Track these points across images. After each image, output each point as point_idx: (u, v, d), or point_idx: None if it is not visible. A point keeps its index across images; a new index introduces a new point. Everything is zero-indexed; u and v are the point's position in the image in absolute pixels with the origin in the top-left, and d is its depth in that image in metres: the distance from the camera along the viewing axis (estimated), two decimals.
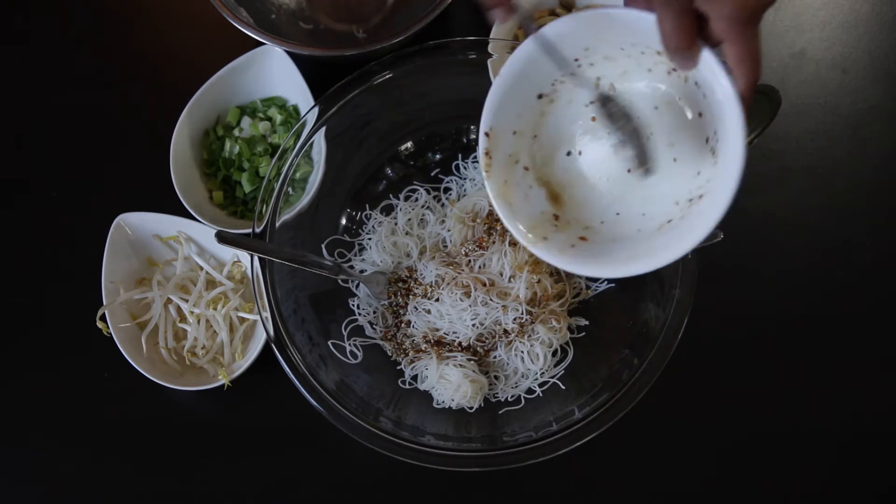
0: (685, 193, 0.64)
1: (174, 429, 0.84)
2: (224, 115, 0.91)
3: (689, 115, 0.66)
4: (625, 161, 0.63)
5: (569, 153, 0.69)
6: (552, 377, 0.79)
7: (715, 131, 0.62)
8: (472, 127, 0.88)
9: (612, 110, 0.63)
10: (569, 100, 0.68)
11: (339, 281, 0.84)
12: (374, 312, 0.85)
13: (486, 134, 0.64)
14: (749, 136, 0.76)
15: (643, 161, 0.61)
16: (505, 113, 0.65)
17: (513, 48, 0.81)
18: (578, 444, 0.68)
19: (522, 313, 0.78)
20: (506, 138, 0.65)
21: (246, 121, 0.90)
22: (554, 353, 0.81)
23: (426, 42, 0.79)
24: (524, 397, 0.79)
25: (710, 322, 0.81)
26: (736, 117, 0.58)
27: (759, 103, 0.77)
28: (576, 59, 0.66)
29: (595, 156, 0.67)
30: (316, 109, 0.78)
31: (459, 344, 0.80)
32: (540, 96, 0.65)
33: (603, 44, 0.66)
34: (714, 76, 0.59)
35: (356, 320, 0.84)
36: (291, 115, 0.90)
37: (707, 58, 0.59)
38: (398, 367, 0.82)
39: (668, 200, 0.65)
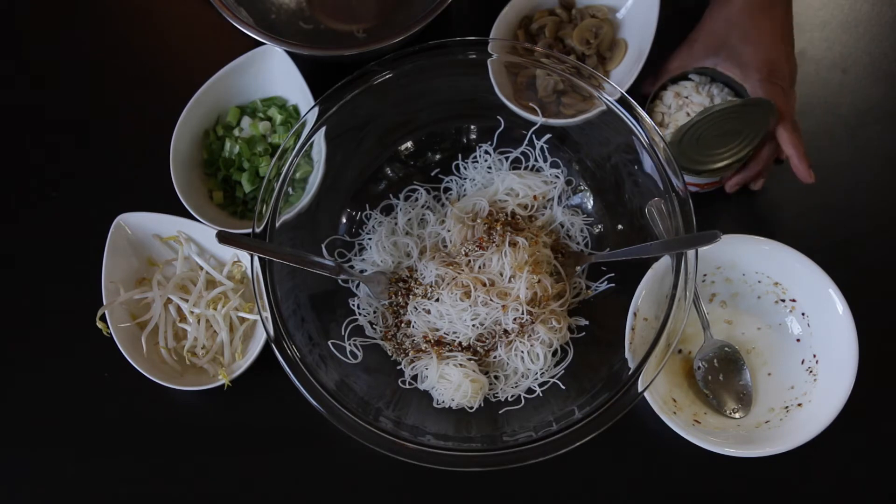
0: (780, 402, 0.77)
1: (174, 429, 0.84)
2: (224, 115, 0.91)
3: (789, 339, 0.79)
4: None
5: (679, 351, 0.82)
6: (552, 377, 0.79)
7: (814, 355, 0.77)
8: (472, 127, 0.88)
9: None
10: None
11: (340, 281, 0.84)
12: (375, 312, 0.85)
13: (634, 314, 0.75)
14: (748, 146, 0.78)
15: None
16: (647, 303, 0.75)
17: (513, 48, 0.81)
18: (578, 444, 0.68)
19: (522, 313, 0.78)
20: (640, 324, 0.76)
21: (246, 121, 0.90)
22: (554, 353, 0.81)
23: (426, 42, 0.79)
24: (524, 397, 0.79)
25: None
26: (850, 344, 0.73)
27: (756, 115, 0.78)
28: (704, 275, 0.80)
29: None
30: (316, 109, 0.78)
31: (459, 344, 0.80)
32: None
33: (732, 268, 0.79)
34: (831, 304, 0.74)
35: (356, 320, 0.84)
36: (291, 115, 0.90)
37: (829, 291, 0.74)
38: (398, 367, 0.82)
39: (762, 406, 0.78)
